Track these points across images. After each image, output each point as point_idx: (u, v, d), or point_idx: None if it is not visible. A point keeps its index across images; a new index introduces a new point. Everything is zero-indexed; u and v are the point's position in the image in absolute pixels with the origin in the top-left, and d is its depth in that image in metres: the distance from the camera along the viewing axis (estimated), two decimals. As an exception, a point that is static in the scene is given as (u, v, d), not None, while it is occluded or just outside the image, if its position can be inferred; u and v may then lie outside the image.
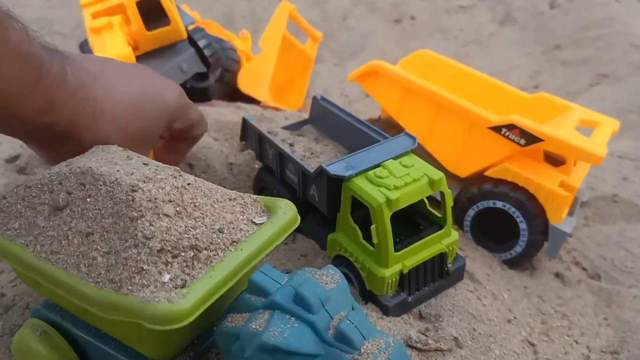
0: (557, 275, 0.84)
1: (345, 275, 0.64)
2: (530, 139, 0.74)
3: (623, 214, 1.02)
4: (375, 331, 0.43)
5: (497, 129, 0.76)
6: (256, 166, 0.85)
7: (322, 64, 1.71)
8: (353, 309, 0.44)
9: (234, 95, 1.26)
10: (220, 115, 0.96)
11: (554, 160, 0.79)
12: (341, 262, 0.64)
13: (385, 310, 0.61)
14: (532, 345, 0.67)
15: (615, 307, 0.81)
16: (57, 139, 0.54)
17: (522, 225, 0.76)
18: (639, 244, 0.94)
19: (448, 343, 0.60)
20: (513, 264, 0.80)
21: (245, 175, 0.85)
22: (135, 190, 0.44)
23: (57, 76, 0.51)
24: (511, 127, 0.74)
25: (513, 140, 0.75)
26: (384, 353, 0.40)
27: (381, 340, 0.41)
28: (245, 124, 0.78)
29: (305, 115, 0.84)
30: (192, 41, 1.05)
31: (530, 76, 1.62)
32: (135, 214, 0.43)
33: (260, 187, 0.78)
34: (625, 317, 0.79)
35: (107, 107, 0.56)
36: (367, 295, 0.62)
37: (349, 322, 0.41)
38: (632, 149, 1.22)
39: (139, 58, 0.95)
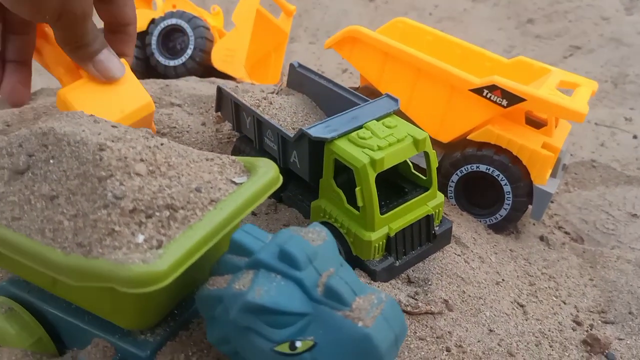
0: (542, 238, 0.84)
1: (331, 242, 0.62)
2: (512, 99, 0.72)
3: (602, 178, 1.02)
4: (367, 287, 0.41)
5: (478, 91, 0.74)
6: (234, 139, 0.82)
7: (298, 42, 1.68)
8: (342, 265, 0.42)
9: (208, 74, 1.22)
10: (193, 89, 0.93)
11: (535, 123, 0.78)
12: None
13: (373, 276, 0.59)
14: (522, 306, 0.66)
15: (600, 268, 0.81)
16: None
17: (507, 188, 0.75)
18: (618, 207, 0.95)
19: (438, 306, 0.59)
20: (498, 228, 0.79)
21: (222, 150, 0.81)
22: (103, 150, 0.41)
23: None
24: (493, 88, 0.73)
25: (495, 102, 0.74)
26: (377, 309, 0.38)
27: (373, 296, 0.39)
28: (221, 93, 0.74)
29: (283, 87, 0.81)
30: None
31: (505, 50, 1.62)
32: (104, 174, 0.40)
33: (239, 159, 0.75)
34: (610, 278, 0.79)
35: None
36: (353, 262, 0.60)
37: (338, 277, 0.39)
38: (608, 116, 1.24)
39: None
